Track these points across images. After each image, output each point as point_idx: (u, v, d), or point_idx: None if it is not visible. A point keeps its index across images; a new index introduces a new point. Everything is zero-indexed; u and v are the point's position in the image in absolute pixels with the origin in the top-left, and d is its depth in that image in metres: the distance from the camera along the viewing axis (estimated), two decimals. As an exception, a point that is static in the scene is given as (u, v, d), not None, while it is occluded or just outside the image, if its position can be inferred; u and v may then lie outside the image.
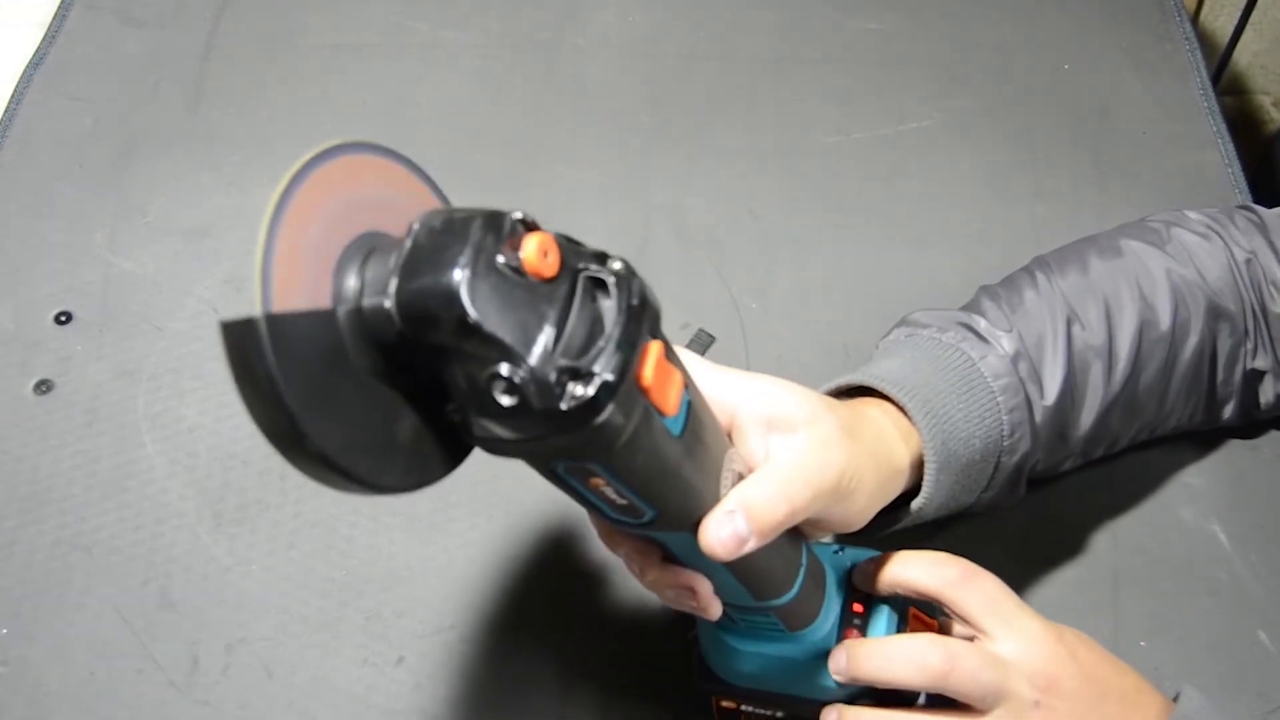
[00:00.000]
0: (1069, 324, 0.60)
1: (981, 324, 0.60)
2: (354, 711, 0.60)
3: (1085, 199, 0.83)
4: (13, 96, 0.86)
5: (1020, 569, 0.59)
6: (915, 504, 0.55)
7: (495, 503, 0.67)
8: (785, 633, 0.51)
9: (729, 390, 0.47)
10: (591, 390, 0.35)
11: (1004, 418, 0.57)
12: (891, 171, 0.85)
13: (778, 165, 0.85)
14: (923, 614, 0.54)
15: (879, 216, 0.82)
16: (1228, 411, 0.66)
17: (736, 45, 0.93)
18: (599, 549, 0.65)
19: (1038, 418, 0.58)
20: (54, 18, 0.92)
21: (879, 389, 0.56)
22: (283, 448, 0.35)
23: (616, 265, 0.37)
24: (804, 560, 0.50)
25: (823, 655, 0.51)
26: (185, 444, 0.69)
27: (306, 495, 0.67)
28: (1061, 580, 0.65)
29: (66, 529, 0.65)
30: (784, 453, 0.46)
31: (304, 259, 0.35)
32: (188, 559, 0.64)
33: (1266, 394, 0.66)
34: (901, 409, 0.55)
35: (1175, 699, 0.52)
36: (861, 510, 0.51)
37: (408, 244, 0.35)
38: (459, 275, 0.34)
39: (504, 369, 0.35)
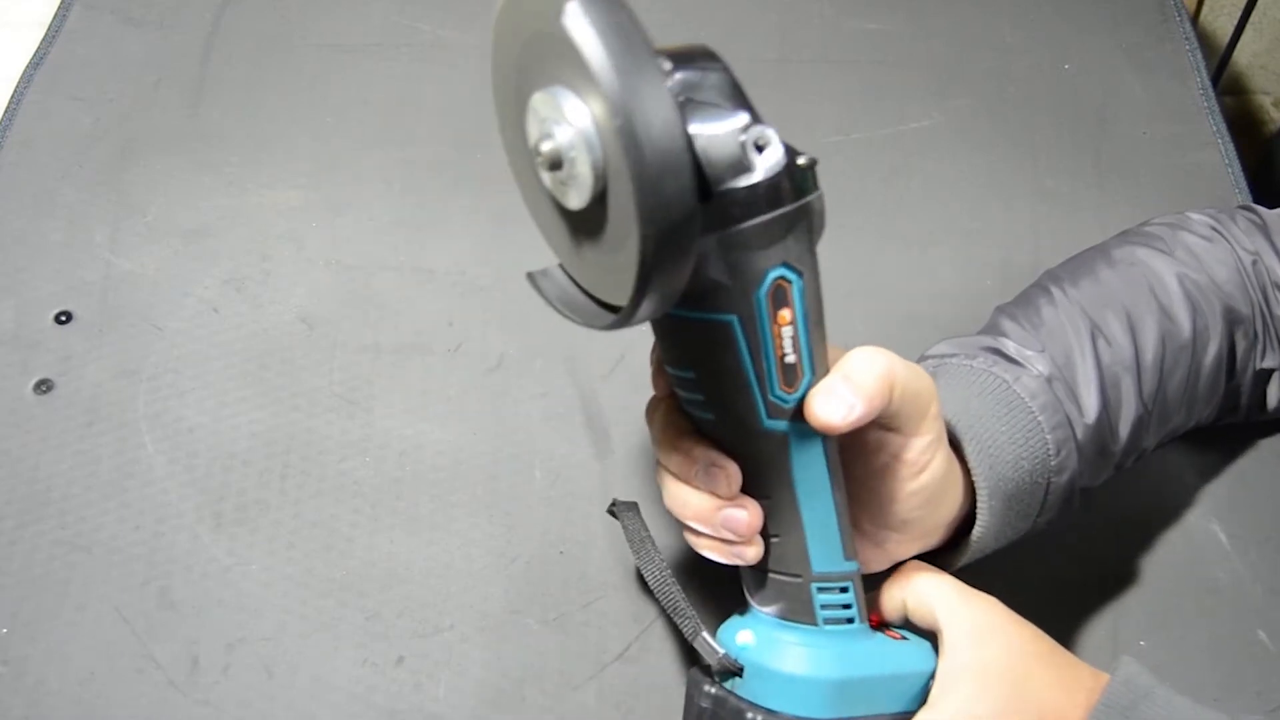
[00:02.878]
0: (1094, 340, 0.59)
1: (1010, 346, 0.59)
2: (354, 711, 0.60)
3: (1085, 199, 0.83)
4: (13, 96, 0.86)
5: (1019, 569, 0.58)
6: (976, 533, 0.54)
7: (495, 503, 0.67)
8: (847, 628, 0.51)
9: None
10: (810, 156, 0.42)
11: (1048, 437, 0.55)
12: (891, 171, 0.85)
13: (778, 165, 0.85)
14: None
15: (879, 216, 0.82)
16: (1239, 412, 0.66)
17: (736, 45, 0.92)
18: (599, 549, 0.65)
19: (1080, 435, 0.57)
20: (54, 18, 0.92)
21: None
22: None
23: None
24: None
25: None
26: (185, 444, 0.69)
27: (306, 495, 0.67)
28: (1061, 580, 0.65)
29: (66, 529, 0.65)
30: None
31: None
32: (188, 559, 0.64)
33: (1274, 395, 0.66)
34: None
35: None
36: (923, 478, 0.50)
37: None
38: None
39: (753, 129, 0.41)
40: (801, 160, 0.42)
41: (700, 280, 0.41)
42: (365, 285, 0.76)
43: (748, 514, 0.47)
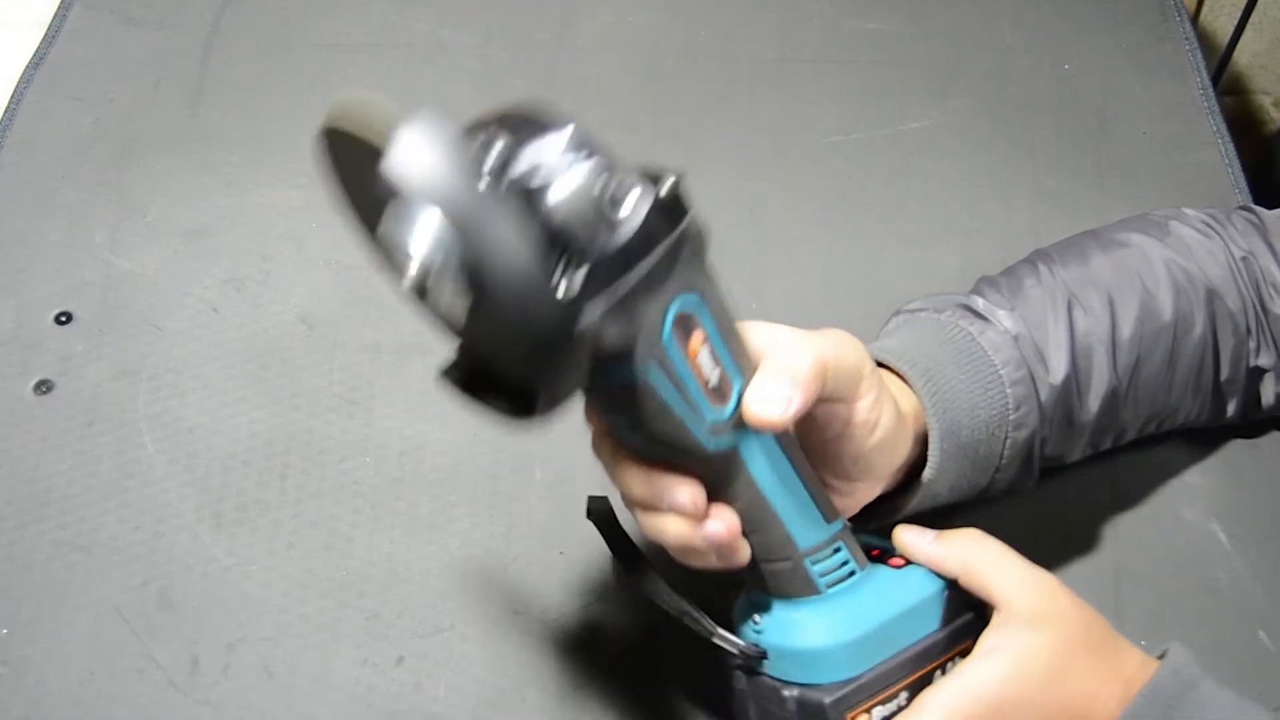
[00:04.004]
0: (1070, 309, 0.60)
1: (980, 303, 0.60)
2: (354, 711, 0.60)
3: (1085, 199, 0.83)
4: (13, 96, 0.86)
5: (1020, 569, 0.59)
6: (926, 474, 0.55)
7: (495, 503, 0.67)
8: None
9: None
10: (671, 179, 0.41)
11: (1008, 390, 0.57)
12: (891, 171, 0.85)
13: (778, 165, 0.85)
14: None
15: (879, 216, 0.82)
16: (1231, 409, 0.66)
17: (736, 45, 0.93)
18: (599, 549, 0.65)
19: (1044, 395, 0.58)
20: (54, 18, 0.92)
21: (878, 360, 0.55)
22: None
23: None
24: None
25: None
26: (185, 444, 0.69)
27: (306, 495, 0.67)
28: (1062, 578, 0.65)
29: (66, 529, 0.65)
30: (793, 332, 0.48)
31: None
32: (188, 559, 0.64)
33: (1268, 393, 0.66)
34: (902, 378, 0.56)
35: (1160, 657, 0.51)
36: (877, 434, 0.51)
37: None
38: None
39: (608, 185, 0.39)
40: (664, 192, 0.41)
41: (603, 348, 0.40)
42: (365, 285, 0.76)
43: (724, 523, 0.47)
